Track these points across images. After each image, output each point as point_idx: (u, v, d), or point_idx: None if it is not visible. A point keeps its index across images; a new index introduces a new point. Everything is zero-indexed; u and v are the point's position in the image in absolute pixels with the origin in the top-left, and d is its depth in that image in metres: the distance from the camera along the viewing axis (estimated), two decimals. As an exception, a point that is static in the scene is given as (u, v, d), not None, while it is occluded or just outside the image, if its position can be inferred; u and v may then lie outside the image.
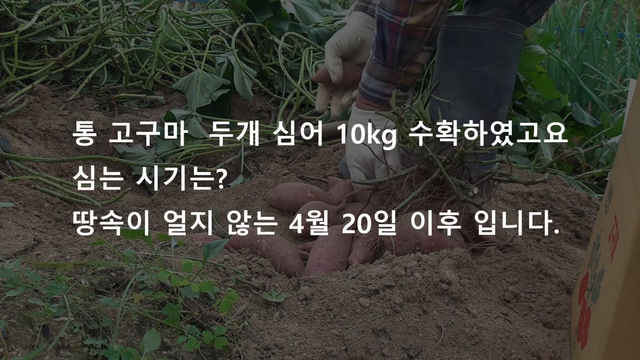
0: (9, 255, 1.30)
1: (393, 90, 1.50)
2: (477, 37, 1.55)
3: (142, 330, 1.00)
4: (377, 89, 1.54)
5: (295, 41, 2.77)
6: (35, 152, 1.99)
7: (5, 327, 0.90)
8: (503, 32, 1.55)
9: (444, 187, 1.45)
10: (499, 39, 1.56)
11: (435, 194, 1.48)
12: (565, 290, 1.33)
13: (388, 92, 1.52)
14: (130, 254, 1.08)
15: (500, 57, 1.57)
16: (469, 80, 1.58)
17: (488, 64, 1.56)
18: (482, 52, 1.56)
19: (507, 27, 1.55)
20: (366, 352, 1.09)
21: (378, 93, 1.54)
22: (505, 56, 1.57)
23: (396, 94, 1.49)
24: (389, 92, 1.52)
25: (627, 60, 3.64)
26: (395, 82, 1.52)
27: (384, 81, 1.52)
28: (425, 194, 1.47)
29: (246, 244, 1.39)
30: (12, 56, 2.34)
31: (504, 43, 1.56)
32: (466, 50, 1.56)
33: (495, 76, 1.57)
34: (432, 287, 1.17)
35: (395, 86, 1.52)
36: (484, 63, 1.56)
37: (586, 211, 1.85)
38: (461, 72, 1.58)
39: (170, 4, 3.33)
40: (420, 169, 1.47)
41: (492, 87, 1.58)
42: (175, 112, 2.25)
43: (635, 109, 1.12)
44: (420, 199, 1.46)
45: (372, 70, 1.53)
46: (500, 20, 1.55)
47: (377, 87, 1.54)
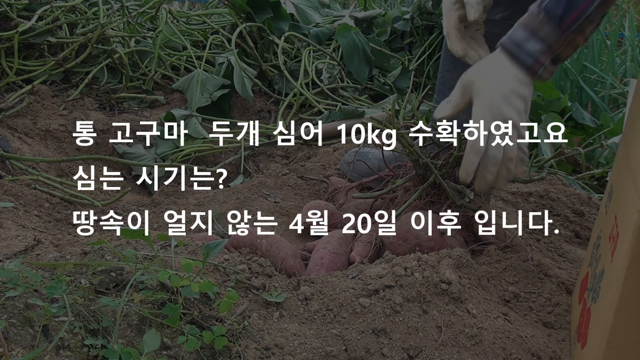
0: (9, 255, 1.31)
1: (547, 59, 1.25)
2: (485, 39, 1.53)
3: (142, 330, 1.00)
4: (534, 53, 1.25)
5: (295, 41, 2.77)
6: (35, 152, 1.99)
7: (5, 327, 0.90)
8: None
9: (441, 190, 1.44)
10: None
11: (434, 197, 1.47)
12: (565, 290, 1.33)
13: (542, 61, 1.26)
14: (130, 254, 1.08)
15: None
16: None
17: None
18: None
19: None
20: (366, 352, 1.09)
21: (532, 59, 1.25)
22: None
23: (548, 69, 1.26)
24: (543, 60, 1.26)
25: (627, 60, 3.64)
26: (556, 50, 1.25)
27: (547, 45, 1.25)
28: (424, 197, 1.45)
29: (246, 244, 1.39)
30: (12, 56, 2.34)
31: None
32: None
33: None
34: (432, 287, 1.17)
35: (552, 55, 1.26)
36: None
37: (586, 211, 1.85)
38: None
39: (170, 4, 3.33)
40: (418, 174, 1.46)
41: None
42: (175, 112, 2.25)
43: (635, 109, 1.12)
44: (419, 202, 1.44)
45: (539, 28, 1.24)
46: (510, 24, 1.52)
47: (535, 50, 1.25)
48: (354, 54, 2.72)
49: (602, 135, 2.67)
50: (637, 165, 0.97)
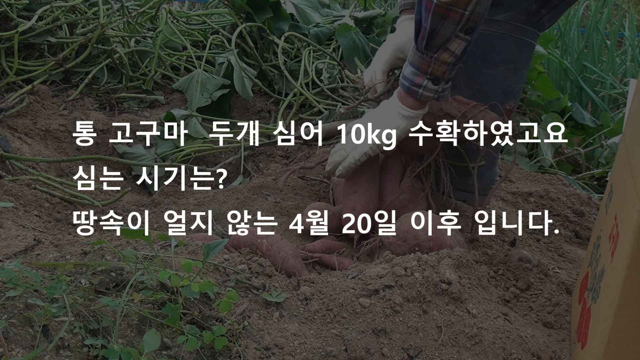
0: (9, 255, 1.31)
1: (423, 80, 1.38)
2: (490, 39, 1.53)
3: (142, 330, 1.00)
4: (408, 76, 1.41)
5: (295, 41, 2.77)
6: (35, 152, 1.99)
7: (5, 327, 0.90)
8: (516, 37, 1.53)
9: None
10: (512, 43, 1.54)
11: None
12: (565, 290, 1.33)
13: (418, 82, 1.39)
14: (130, 254, 1.08)
15: (511, 61, 1.55)
16: (477, 82, 1.56)
17: (498, 67, 1.54)
18: (493, 55, 1.54)
19: (521, 32, 1.53)
20: (366, 352, 1.09)
21: (408, 81, 1.41)
22: (516, 61, 1.55)
23: (429, 89, 1.39)
24: (419, 82, 1.39)
25: (627, 60, 3.64)
26: (425, 71, 1.37)
27: (415, 68, 1.39)
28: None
29: (246, 244, 1.39)
30: (12, 56, 2.34)
31: (516, 48, 1.54)
32: (477, 52, 1.54)
33: (504, 80, 1.55)
34: (432, 287, 1.17)
35: (426, 76, 1.38)
36: (494, 66, 1.54)
37: (586, 211, 1.85)
38: (470, 72, 1.56)
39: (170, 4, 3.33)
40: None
41: (500, 91, 1.56)
42: (175, 112, 2.25)
43: (635, 109, 1.12)
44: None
45: (410, 55, 1.41)
46: (515, 25, 1.52)
47: (409, 73, 1.41)
48: (353, 54, 2.72)
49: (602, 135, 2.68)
50: (637, 165, 0.97)
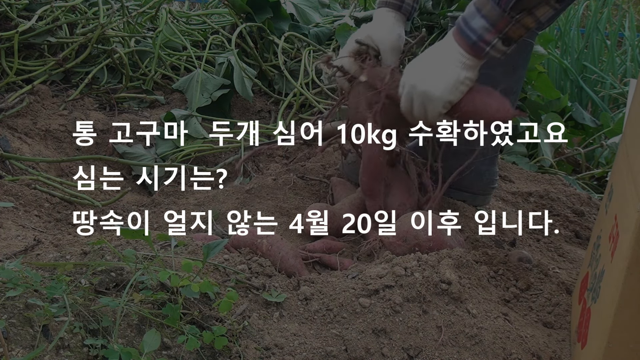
0: (9, 255, 1.31)
1: (494, 39, 1.28)
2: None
3: (142, 330, 1.00)
4: (477, 30, 1.28)
5: (295, 41, 2.77)
6: (35, 152, 1.99)
7: (5, 327, 0.90)
8: None
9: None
10: None
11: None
12: (565, 290, 1.33)
13: (488, 39, 1.28)
14: (130, 254, 1.08)
15: (509, 61, 1.54)
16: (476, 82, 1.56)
17: (496, 67, 1.54)
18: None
19: None
20: (366, 352, 1.09)
21: (476, 35, 1.28)
22: (514, 61, 1.55)
23: (497, 49, 1.29)
24: (489, 39, 1.28)
25: (627, 60, 3.64)
26: (501, 29, 1.27)
27: (490, 23, 1.27)
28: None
29: (246, 244, 1.39)
30: (12, 56, 2.34)
31: (515, 48, 1.54)
32: None
33: (502, 80, 1.55)
34: (432, 287, 1.17)
35: (498, 35, 1.28)
36: (492, 66, 1.54)
37: (586, 211, 1.85)
38: None
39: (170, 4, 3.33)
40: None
41: (499, 90, 1.56)
42: (175, 112, 2.25)
43: (635, 109, 1.12)
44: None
45: (482, 5, 1.27)
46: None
47: (478, 26, 1.28)
48: (354, 54, 2.71)
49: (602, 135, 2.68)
50: (637, 165, 0.97)
